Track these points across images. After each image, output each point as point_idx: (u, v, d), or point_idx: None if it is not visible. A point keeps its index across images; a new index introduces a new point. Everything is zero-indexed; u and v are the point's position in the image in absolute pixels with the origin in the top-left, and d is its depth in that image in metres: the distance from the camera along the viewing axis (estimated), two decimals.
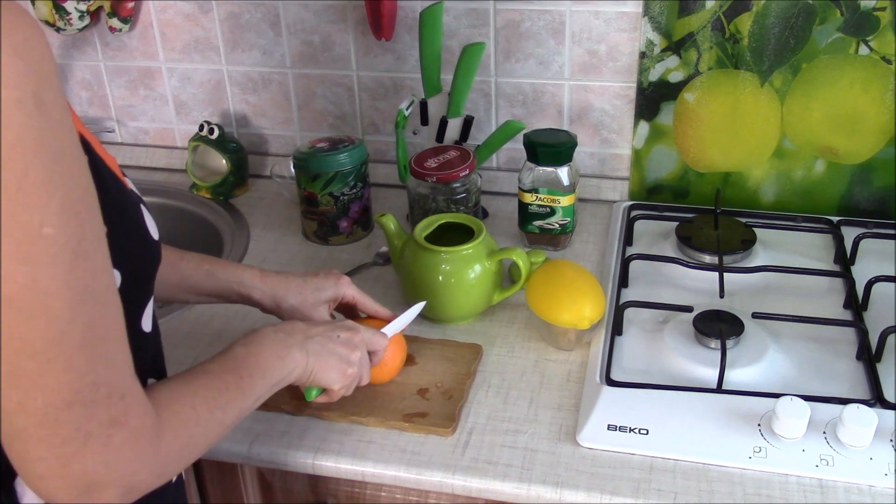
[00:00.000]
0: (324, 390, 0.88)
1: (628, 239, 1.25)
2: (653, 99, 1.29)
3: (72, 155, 0.56)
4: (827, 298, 1.12)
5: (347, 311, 1.02)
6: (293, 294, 0.96)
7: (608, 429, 0.92)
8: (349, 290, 0.99)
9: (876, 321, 1.04)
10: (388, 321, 0.98)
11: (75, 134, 0.57)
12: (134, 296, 0.69)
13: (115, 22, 1.42)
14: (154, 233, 0.71)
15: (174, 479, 0.80)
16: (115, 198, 0.65)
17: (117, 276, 0.66)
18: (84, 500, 0.59)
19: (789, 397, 0.89)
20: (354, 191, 1.27)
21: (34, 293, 0.54)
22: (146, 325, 0.72)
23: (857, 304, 1.08)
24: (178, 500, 0.81)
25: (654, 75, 1.28)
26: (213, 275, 0.96)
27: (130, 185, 0.71)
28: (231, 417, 0.73)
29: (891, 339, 0.99)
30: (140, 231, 0.69)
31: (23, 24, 0.53)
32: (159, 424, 0.63)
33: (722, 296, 1.09)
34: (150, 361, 0.75)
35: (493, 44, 1.33)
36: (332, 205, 1.26)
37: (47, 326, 0.55)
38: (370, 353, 0.92)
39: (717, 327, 1.01)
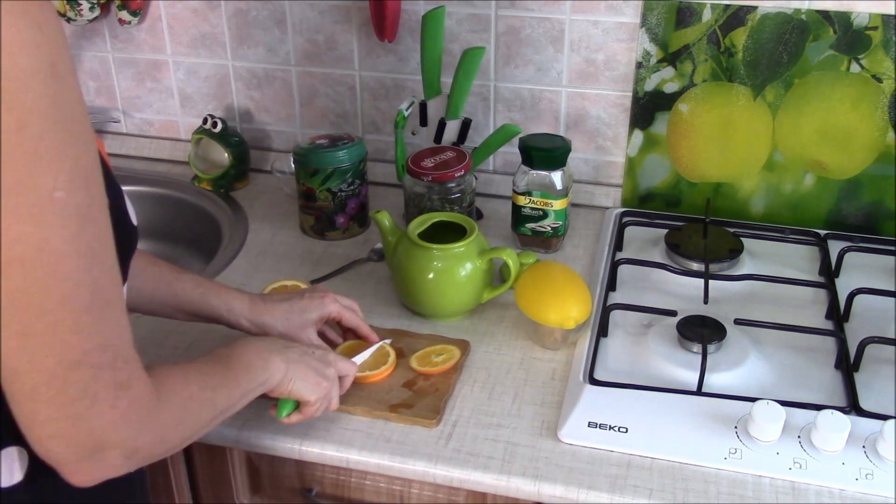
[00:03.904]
0: (297, 407, 0.89)
1: (618, 244, 1.27)
2: (647, 108, 1.32)
3: (82, 122, 0.58)
4: (810, 309, 1.14)
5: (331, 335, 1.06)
6: (280, 321, 0.98)
7: (588, 426, 0.94)
8: (333, 307, 1.02)
9: (856, 332, 1.06)
10: (371, 339, 1.03)
11: (84, 103, 0.60)
12: None
13: (124, 14, 1.45)
14: (133, 219, 0.73)
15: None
16: (106, 178, 0.67)
17: None
18: (90, 460, 0.62)
19: (766, 401, 0.92)
20: (352, 188, 1.30)
21: (45, 255, 0.56)
22: None
23: (838, 315, 1.10)
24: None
25: (649, 85, 1.30)
26: (205, 299, 0.97)
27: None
28: (221, 401, 0.76)
29: (869, 349, 1.01)
30: (122, 215, 0.71)
31: None
32: (157, 393, 0.66)
33: (706, 302, 1.11)
34: None
35: (493, 49, 1.36)
36: (330, 200, 1.29)
37: (56, 288, 0.57)
38: (340, 378, 0.93)
39: (700, 332, 1.03)
